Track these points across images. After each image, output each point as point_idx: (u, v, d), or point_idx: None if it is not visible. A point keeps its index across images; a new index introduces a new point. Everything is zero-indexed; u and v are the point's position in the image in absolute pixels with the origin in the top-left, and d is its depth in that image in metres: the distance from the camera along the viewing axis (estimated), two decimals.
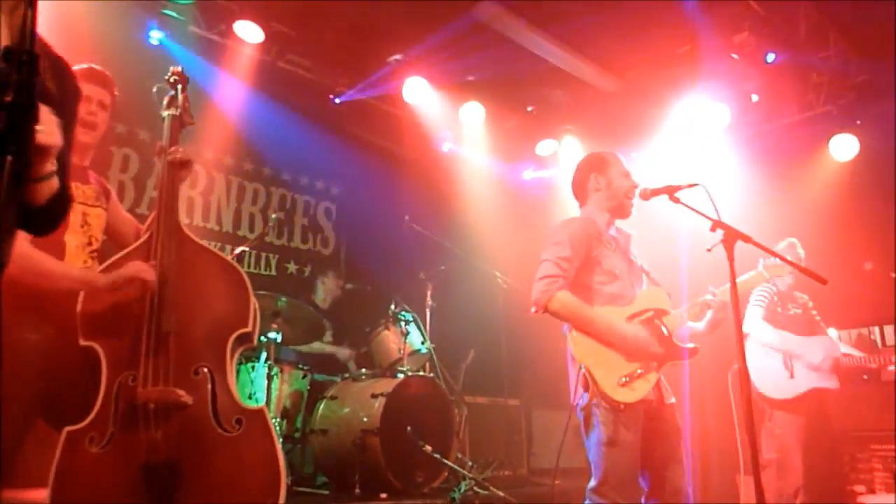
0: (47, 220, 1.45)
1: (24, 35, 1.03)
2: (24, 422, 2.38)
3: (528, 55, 5.77)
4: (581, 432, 2.75)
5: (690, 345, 2.82)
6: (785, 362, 4.16)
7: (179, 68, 2.97)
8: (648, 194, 2.87)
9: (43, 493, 2.31)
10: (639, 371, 2.67)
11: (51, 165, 1.31)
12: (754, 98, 6.05)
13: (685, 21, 5.34)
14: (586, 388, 2.66)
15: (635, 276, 2.93)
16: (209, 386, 2.51)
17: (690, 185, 2.78)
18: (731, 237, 2.58)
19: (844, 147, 5.81)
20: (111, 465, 2.34)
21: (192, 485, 2.34)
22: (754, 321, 4.21)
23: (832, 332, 4.36)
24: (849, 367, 4.26)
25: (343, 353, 5.34)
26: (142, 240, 2.68)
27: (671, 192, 2.81)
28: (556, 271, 2.71)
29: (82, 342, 2.47)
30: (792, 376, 4.13)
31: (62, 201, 1.44)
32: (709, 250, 2.64)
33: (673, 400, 2.81)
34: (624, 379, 2.64)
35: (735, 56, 5.29)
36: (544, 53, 5.80)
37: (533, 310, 2.73)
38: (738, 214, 2.77)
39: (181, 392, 2.37)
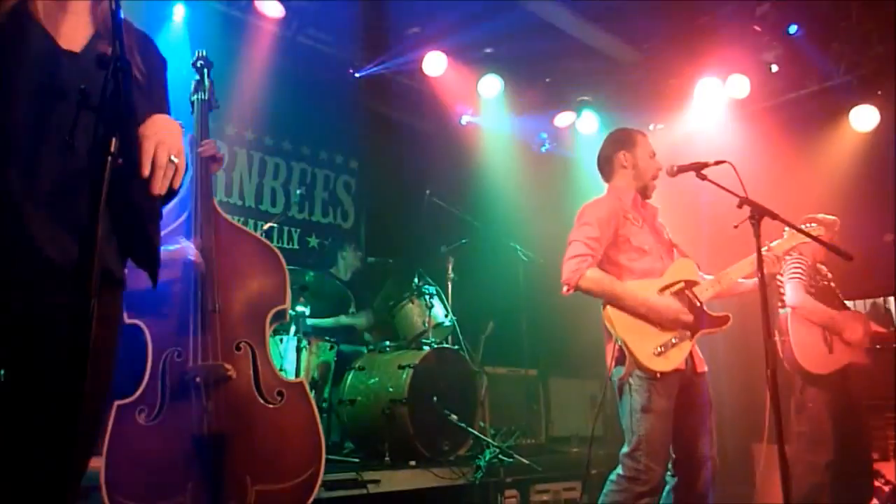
0: None
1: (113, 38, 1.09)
2: None
3: (546, 26, 5.74)
4: (612, 403, 2.84)
5: (722, 313, 2.90)
6: (824, 337, 4.07)
7: (204, 52, 3.04)
8: (676, 171, 2.92)
9: (96, 462, 2.43)
10: (673, 341, 2.75)
11: None
12: (774, 68, 6.02)
13: None
14: (621, 362, 2.74)
15: (665, 249, 2.99)
16: (251, 360, 2.63)
17: (718, 163, 2.83)
18: (759, 214, 2.63)
19: (865, 118, 5.77)
20: (162, 436, 2.45)
21: (240, 454, 2.45)
22: (798, 294, 4.08)
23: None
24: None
25: (361, 320, 5.43)
26: (180, 220, 2.76)
27: (698, 168, 2.86)
28: (585, 250, 2.78)
29: (127, 320, 2.56)
30: (831, 351, 4.06)
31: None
32: (736, 227, 2.69)
33: (705, 369, 2.89)
34: (659, 349, 2.72)
35: (757, 28, 5.26)
36: (562, 25, 5.77)
37: (564, 289, 2.80)
38: (757, 185, 2.79)
39: (228, 366, 2.48)
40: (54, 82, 1.39)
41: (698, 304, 2.86)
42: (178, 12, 4.87)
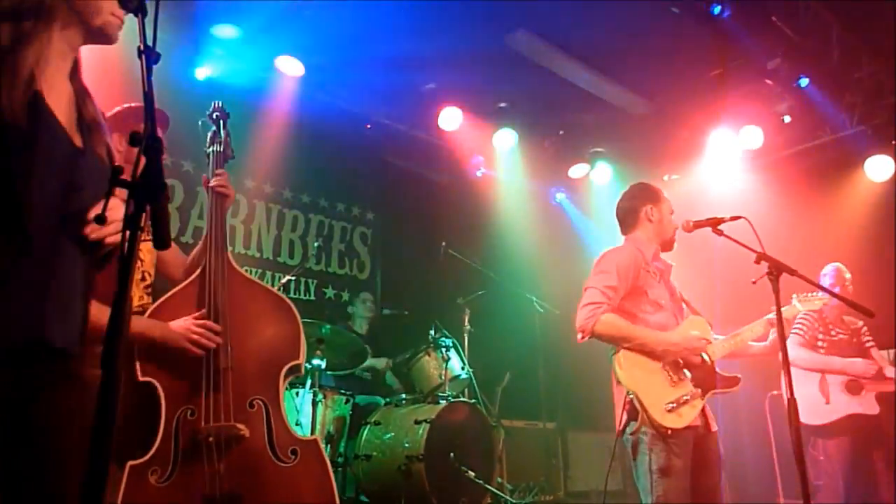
0: None
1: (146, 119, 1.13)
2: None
3: (560, 80, 5.85)
4: (629, 458, 2.79)
5: (733, 375, 2.87)
6: (821, 388, 4.11)
7: (220, 103, 3.04)
8: (692, 226, 2.93)
9: None
10: (685, 397, 2.72)
11: None
12: (787, 119, 6.06)
13: (717, 45, 5.39)
14: (633, 416, 2.71)
15: (677, 307, 2.98)
16: (264, 418, 2.59)
17: (734, 218, 2.82)
18: (777, 270, 2.61)
19: (880, 168, 5.78)
20: (174, 498, 2.41)
21: None
22: (790, 348, 4.18)
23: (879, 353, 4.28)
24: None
25: (380, 362, 5.40)
26: (194, 276, 2.73)
27: (714, 224, 2.86)
28: (601, 298, 2.77)
29: (140, 378, 2.54)
30: (828, 402, 4.08)
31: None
32: (754, 282, 2.68)
33: (716, 428, 2.85)
34: (671, 405, 2.69)
35: (769, 82, 5.31)
36: (575, 79, 5.87)
37: (579, 336, 2.78)
38: (772, 237, 2.79)
39: (241, 426, 2.45)
40: (73, 181, 1.43)
41: (709, 362, 2.84)
42: (201, 71, 5.01)
